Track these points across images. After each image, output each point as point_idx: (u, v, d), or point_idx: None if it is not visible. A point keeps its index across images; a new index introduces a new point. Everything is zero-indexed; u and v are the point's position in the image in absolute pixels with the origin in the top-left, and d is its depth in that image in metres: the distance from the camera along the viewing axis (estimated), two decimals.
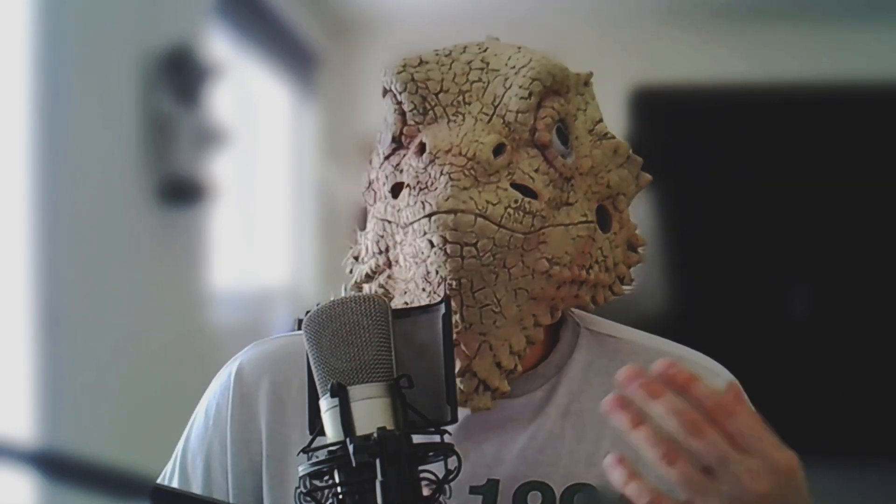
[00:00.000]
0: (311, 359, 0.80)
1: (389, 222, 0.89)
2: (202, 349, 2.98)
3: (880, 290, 4.43)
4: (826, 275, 4.56)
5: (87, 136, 2.42)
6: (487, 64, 0.90)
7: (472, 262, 0.84)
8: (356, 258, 0.95)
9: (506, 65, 0.89)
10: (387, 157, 0.91)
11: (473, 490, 0.90)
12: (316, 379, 0.80)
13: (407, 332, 0.83)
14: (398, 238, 0.88)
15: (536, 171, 0.87)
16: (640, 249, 0.96)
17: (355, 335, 0.79)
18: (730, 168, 4.49)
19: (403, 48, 0.92)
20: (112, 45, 2.57)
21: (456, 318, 0.85)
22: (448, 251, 0.83)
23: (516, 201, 0.85)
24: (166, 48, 2.76)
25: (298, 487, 0.80)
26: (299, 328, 0.82)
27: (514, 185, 0.86)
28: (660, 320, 3.99)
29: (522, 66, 0.89)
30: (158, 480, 0.97)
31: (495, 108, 0.88)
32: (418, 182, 0.85)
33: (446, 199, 0.83)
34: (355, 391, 0.77)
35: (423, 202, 0.84)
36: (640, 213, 0.97)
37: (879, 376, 4.27)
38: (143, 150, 2.71)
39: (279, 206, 4.56)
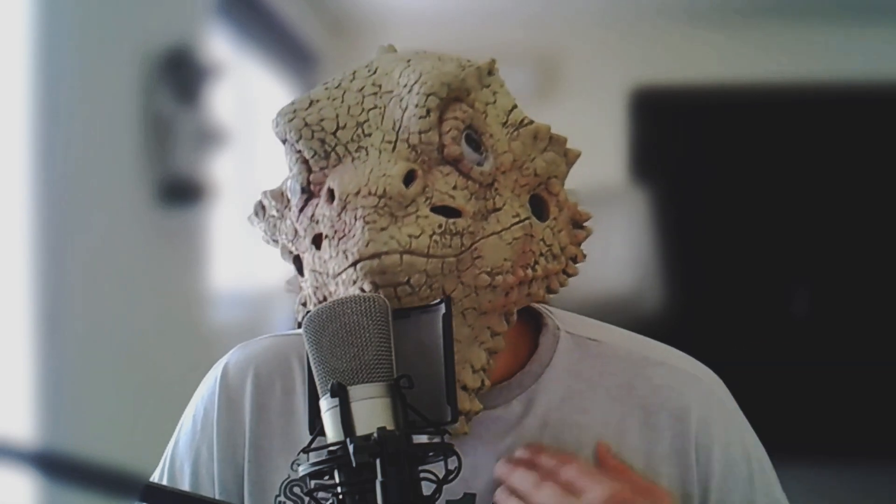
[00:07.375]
0: (311, 359, 0.80)
1: (320, 273, 0.86)
2: (202, 349, 2.98)
3: (881, 290, 4.43)
4: (826, 275, 4.56)
5: (87, 136, 2.42)
6: (380, 87, 0.86)
7: (410, 300, 0.81)
8: (304, 305, 0.93)
9: (398, 84, 0.85)
10: (301, 209, 0.87)
11: None
12: (316, 379, 0.79)
13: (407, 332, 0.82)
14: (332, 288, 0.85)
15: (454, 187, 0.83)
16: (585, 224, 0.93)
17: (355, 335, 0.78)
18: (730, 168, 4.48)
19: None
20: (112, 45, 2.56)
21: None
22: (382, 295, 0.80)
23: (440, 226, 0.81)
24: (166, 48, 2.75)
25: (279, 495, 0.79)
26: (299, 328, 0.82)
27: (435, 209, 0.82)
28: (659, 320, 3.99)
29: (414, 83, 0.84)
30: None
31: (397, 133, 0.83)
32: (335, 231, 0.82)
33: (366, 245, 0.79)
34: (355, 391, 0.77)
35: (344, 252, 0.81)
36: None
37: (880, 376, 4.27)
38: (143, 150, 2.70)
39: None
